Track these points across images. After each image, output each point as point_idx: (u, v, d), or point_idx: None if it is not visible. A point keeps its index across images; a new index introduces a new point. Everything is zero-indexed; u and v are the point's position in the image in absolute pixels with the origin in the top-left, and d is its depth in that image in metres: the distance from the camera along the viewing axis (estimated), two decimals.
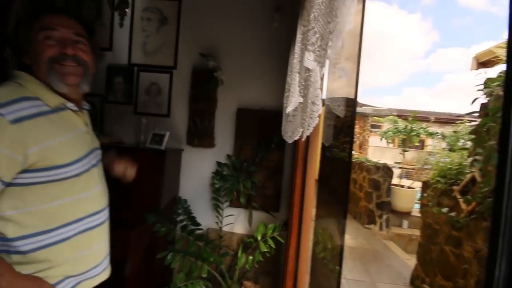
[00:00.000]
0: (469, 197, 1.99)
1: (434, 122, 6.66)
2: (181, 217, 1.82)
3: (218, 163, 1.90)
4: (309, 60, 0.71)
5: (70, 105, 0.75)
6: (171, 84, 1.94)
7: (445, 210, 2.11)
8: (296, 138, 1.31)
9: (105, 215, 0.85)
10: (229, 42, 1.92)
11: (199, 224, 1.82)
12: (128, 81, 1.96)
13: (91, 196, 0.78)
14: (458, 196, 2.11)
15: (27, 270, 0.68)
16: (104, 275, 0.87)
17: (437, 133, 5.95)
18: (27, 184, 0.66)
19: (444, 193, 2.34)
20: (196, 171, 1.96)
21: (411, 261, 3.12)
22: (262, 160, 1.88)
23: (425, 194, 2.61)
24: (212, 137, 1.92)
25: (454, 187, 2.20)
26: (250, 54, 1.91)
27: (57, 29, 0.73)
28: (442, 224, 2.26)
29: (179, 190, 1.96)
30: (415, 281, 2.62)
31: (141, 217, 1.56)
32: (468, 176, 2.12)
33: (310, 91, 0.77)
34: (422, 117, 7.44)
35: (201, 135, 1.90)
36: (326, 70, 1.58)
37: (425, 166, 5.87)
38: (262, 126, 1.89)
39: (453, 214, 2.07)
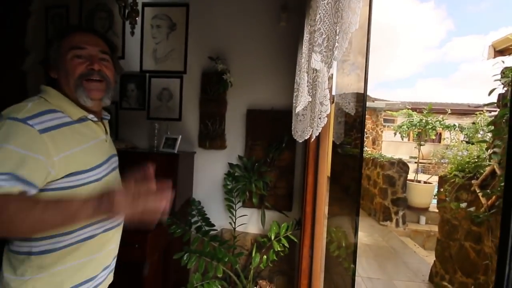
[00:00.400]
0: (488, 191, 1.92)
1: (451, 114, 6.45)
2: (195, 218, 1.86)
3: (230, 164, 1.93)
4: (316, 61, 0.72)
5: (90, 116, 0.81)
6: (181, 89, 1.98)
7: (463, 205, 2.05)
8: (306, 137, 1.32)
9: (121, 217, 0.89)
10: (237, 44, 1.94)
11: (213, 225, 1.85)
12: (140, 87, 2.02)
13: None
14: (477, 190, 2.04)
15: (45, 271, 0.71)
16: (110, 277, 0.90)
17: (454, 125, 5.76)
18: (56, 189, 0.70)
19: (463, 188, 2.27)
20: (209, 173, 1.99)
21: (430, 257, 3.05)
22: (273, 160, 1.89)
23: (441, 189, 2.54)
24: (223, 139, 1.95)
25: (473, 181, 2.13)
26: (258, 54, 1.93)
27: (85, 47, 0.79)
28: (461, 220, 2.20)
29: (193, 192, 2.00)
30: (434, 278, 2.55)
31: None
32: (488, 169, 2.05)
33: (318, 91, 0.78)
34: (438, 109, 7.22)
35: (212, 137, 1.93)
36: (334, 68, 1.57)
37: (442, 160, 5.70)
38: (272, 126, 1.90)
39: (472, 209, 2.01)
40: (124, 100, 2.04)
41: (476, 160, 2.31)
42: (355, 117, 1.89)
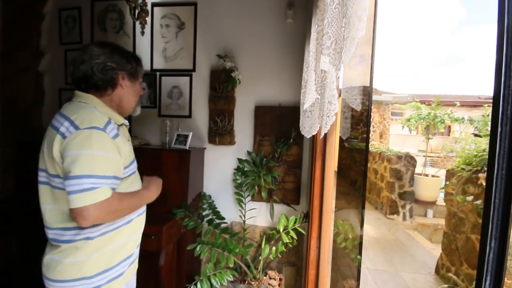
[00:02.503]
0: None
1: (461, 106, 6.34)
2: (206, 212, 1.94)
3: (239, 160, 1.98)
4: (325, 63, 0.76)
5: (125, 122, 1.00)
6: (191, 87, 2.04)
7: (470, 198, 2.07)
8: (314, 133, 1.36)
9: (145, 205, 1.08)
10: (245, 41, 1.98)
11: (223, 218, 1.92)
12: (151, 86, 2.08)
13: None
14: (485, 184, 2.06)
15: (99, 252, 0.87)
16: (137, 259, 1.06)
17: (463, 118, 5.69)
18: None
19: (470, 181, 2.28)
20: (219, 168, 2.05)
21: (436, 250, 3.07)
22: (281, 155, 1.94)
23: (447, 183, 2.56)
24: (232, 135, 2.00)
25: (480, 175, 2.15)
26: (265, 51, 1.96)
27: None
28: (467, 213, 2.22)
29: (203, 186, 2.07)
30: (440, 270, 2.59)
31: (171, 213, 1.68)
32: None
33: (326, 91, 0.82)
34: (447, 102, 7.11)
35: (221, 133, 1.99)
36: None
37: (451, 154, 5.65)
38: (280, 122, 1.94)
39: (479, 202, 2.02)
40: None
41: (483, 153, 2.31)
42: (361, 111, 1.92)
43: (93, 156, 0.79)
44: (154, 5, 2.03)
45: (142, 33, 1.88)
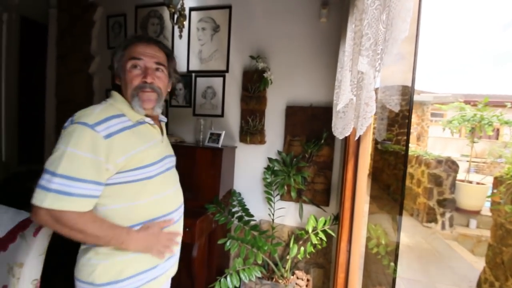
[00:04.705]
0: None
1: None
2: (235, 209, 1.99)
3: (269, 159, 2.01)
4: (363, 64, 0.75)
5: (147, 119, 0.89)
6: (224, 87, 2.11)
7: None
8: (347, 134, 1.34)
9: (177, 214, 0.96)
10: (277, 42, 1.99)
11: (252, 216, 1.96)
12: (187, 86, 2.19)
13: (164, 198, 0.90)
14: None
15: (109, 259, 0.82)
16: (173, 270, 1.00)
17: None
18: (119, 183, 0.80)
19: None
20: (249, 167, 2.10)
21: (479, 264, 2.83)
22: (312, 156, 1.92)
23: (495, 191, 2.34)
24: (263, 135, 2.03)
25: None
26: (298, 51, 1.96)
27: (142, 58, 0.86)
28: None
29: (234, 183, 2.13)
30: (482, 285, 2.38)
31: (203, 207, 1.76)
32: None
33: (363, 92, 0.81)
34: (496, 102, 6.47)
35: (252, 133, 2.03)
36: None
37: (499, 160, 5.12)
38: (311, 123, 1.93)
39: None
40: (173, 99, 2.23)
41: None
42: (398, 112, 1.83)
43: (64, 153, 0.72)
44: (191, 9, 2.13)
45: (180, 36, 1.98)
